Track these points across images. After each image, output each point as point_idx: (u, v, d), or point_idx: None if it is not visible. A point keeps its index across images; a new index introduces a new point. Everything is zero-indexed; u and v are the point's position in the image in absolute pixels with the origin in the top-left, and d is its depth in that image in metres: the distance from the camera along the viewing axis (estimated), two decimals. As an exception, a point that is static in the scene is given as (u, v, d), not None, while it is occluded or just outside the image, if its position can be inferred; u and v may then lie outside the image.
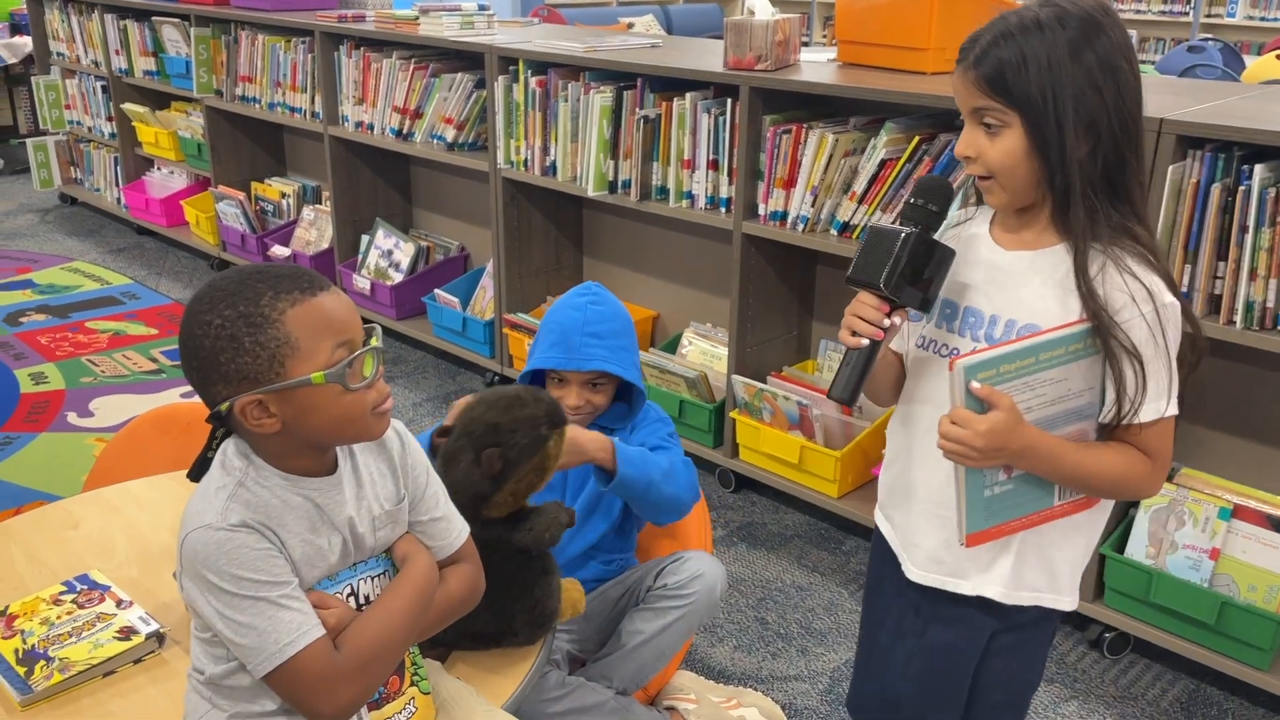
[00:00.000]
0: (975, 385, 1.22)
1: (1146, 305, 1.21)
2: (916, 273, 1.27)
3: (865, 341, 1.29)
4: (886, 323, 1.29)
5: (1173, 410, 1.25)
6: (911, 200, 1.29)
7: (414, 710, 1.31)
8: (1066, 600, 1.39)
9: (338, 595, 1.22)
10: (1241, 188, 1.94)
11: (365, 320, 1.21)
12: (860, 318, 1.30)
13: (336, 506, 1.22)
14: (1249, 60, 4.93)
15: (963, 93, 1.25)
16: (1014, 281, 1.29)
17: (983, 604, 1.37)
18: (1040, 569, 1.36)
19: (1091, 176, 1.22)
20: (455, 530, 1.37)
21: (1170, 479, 2.20)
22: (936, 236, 1.34)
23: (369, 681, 1.20)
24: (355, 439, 1.24)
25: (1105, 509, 1.38)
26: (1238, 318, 1.99)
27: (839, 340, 1.33)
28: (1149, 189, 1.33)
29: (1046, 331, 1.24)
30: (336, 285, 1.21)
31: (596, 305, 1.87)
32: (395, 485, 1.30)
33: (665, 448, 1.87)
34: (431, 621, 1.31)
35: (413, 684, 1.32)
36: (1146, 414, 1.24)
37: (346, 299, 1.19)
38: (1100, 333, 1.21)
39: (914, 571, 1.41)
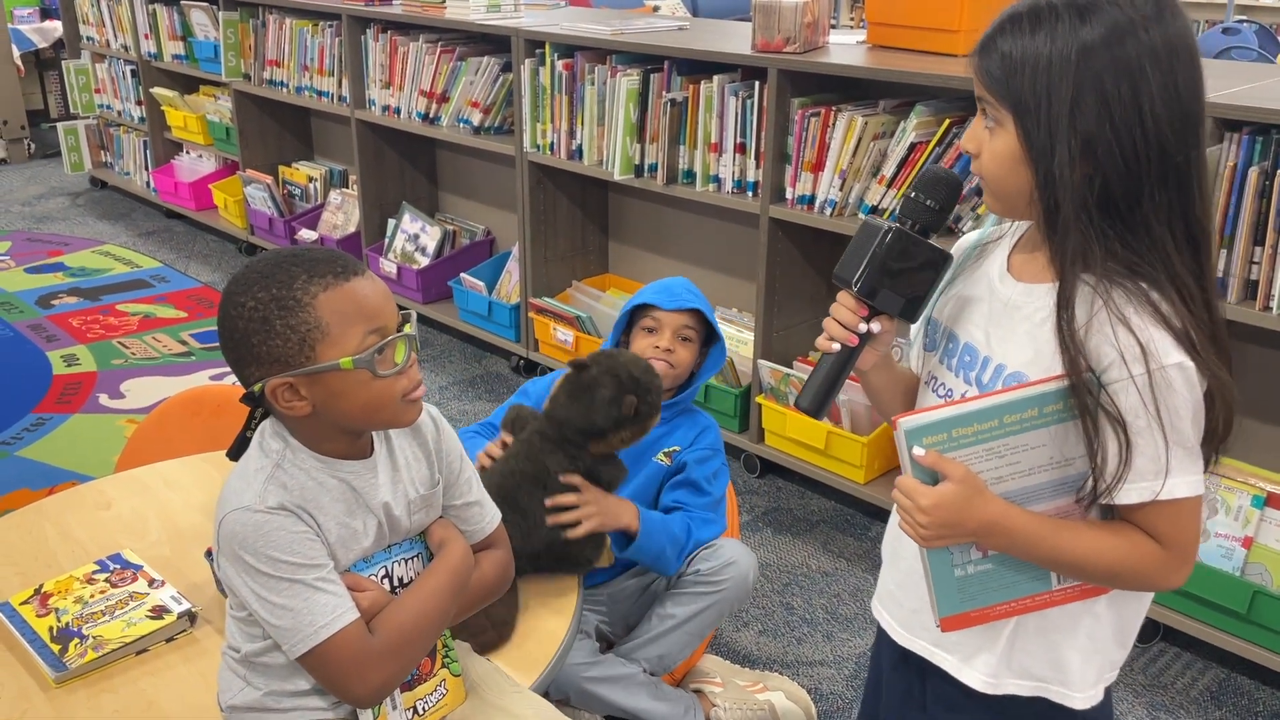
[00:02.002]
0: (919, 452, 1.04)
1: (1138, 366, 0.99)
2: (897, 275, 1.13)
3: (837, 346, 1.16)
4: (863, 328, 1.14)
5: (1178, 492, 1.02)
6: (910, 194, 1.15)
7: (445, 692, 1.32)
8: (1078, 697, 1.16)
9: (372, 578, 1.23)
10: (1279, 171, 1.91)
11: (400, 307, 1.21)
12: (836, 320, 1.16)
13: (371, 490, 1.23)
14: (1285, 42, 4.85)
15: (973, 79, 1.09)
16: (1012, 319, 1.11)
17: (976, 696, 1.17)
18: (1040, 657, 1.16)
19: (1085, 200, 1.00)
20: (488, 515, 1.37)
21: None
22: (957, 246, 1.21)
23: (402, 664, 1.21)
24: (385, 425, 1.24)
25: (1136, 597, 1.16)
26: (1274, 303, 1.96)
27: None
28: (1208, 223, 1.05)
29: (1014, 389, 1.05)
30: (363, 269, 1.21)
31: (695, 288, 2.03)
32: (430, 470, 1.30)
33: (702, 492, 1.86)
34: (464, 606, 1.32)
35: (444, 666, 1.32)
36: (1129, 494, 1.03)
37: (381, 285, 1.19)
38: (1076, 391, 1.01)
39: (899, 632, 1.25)
